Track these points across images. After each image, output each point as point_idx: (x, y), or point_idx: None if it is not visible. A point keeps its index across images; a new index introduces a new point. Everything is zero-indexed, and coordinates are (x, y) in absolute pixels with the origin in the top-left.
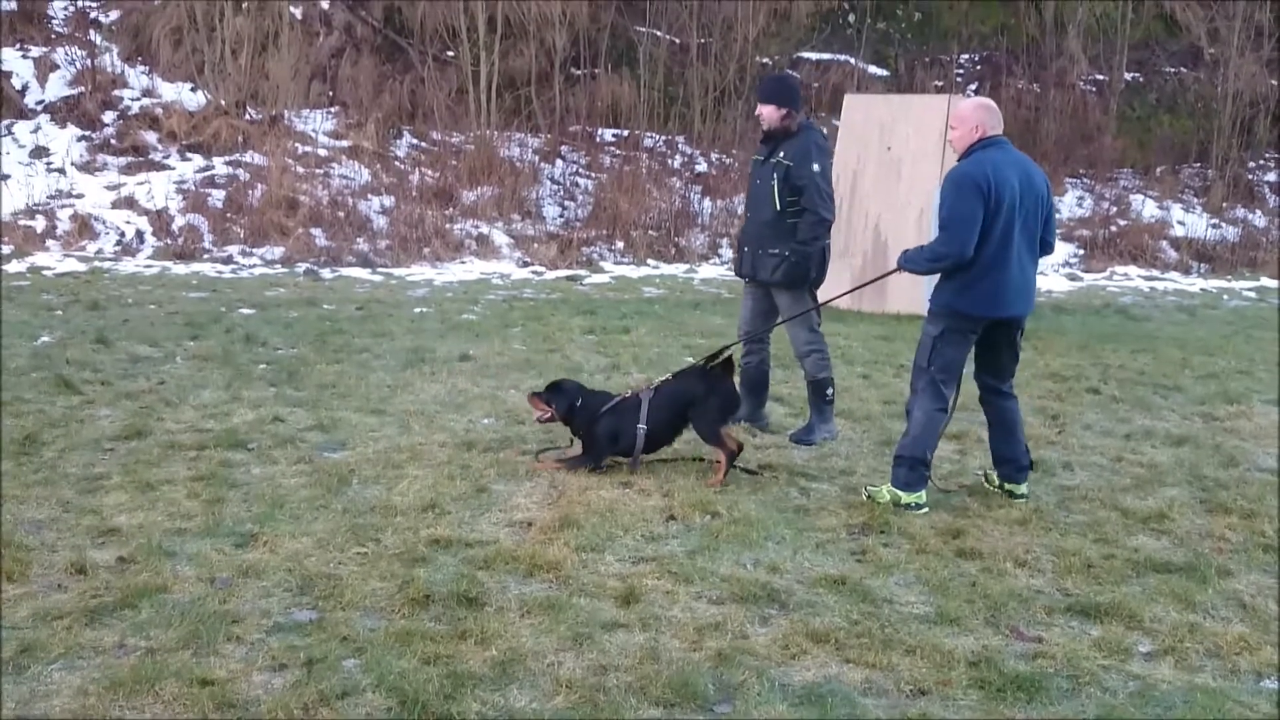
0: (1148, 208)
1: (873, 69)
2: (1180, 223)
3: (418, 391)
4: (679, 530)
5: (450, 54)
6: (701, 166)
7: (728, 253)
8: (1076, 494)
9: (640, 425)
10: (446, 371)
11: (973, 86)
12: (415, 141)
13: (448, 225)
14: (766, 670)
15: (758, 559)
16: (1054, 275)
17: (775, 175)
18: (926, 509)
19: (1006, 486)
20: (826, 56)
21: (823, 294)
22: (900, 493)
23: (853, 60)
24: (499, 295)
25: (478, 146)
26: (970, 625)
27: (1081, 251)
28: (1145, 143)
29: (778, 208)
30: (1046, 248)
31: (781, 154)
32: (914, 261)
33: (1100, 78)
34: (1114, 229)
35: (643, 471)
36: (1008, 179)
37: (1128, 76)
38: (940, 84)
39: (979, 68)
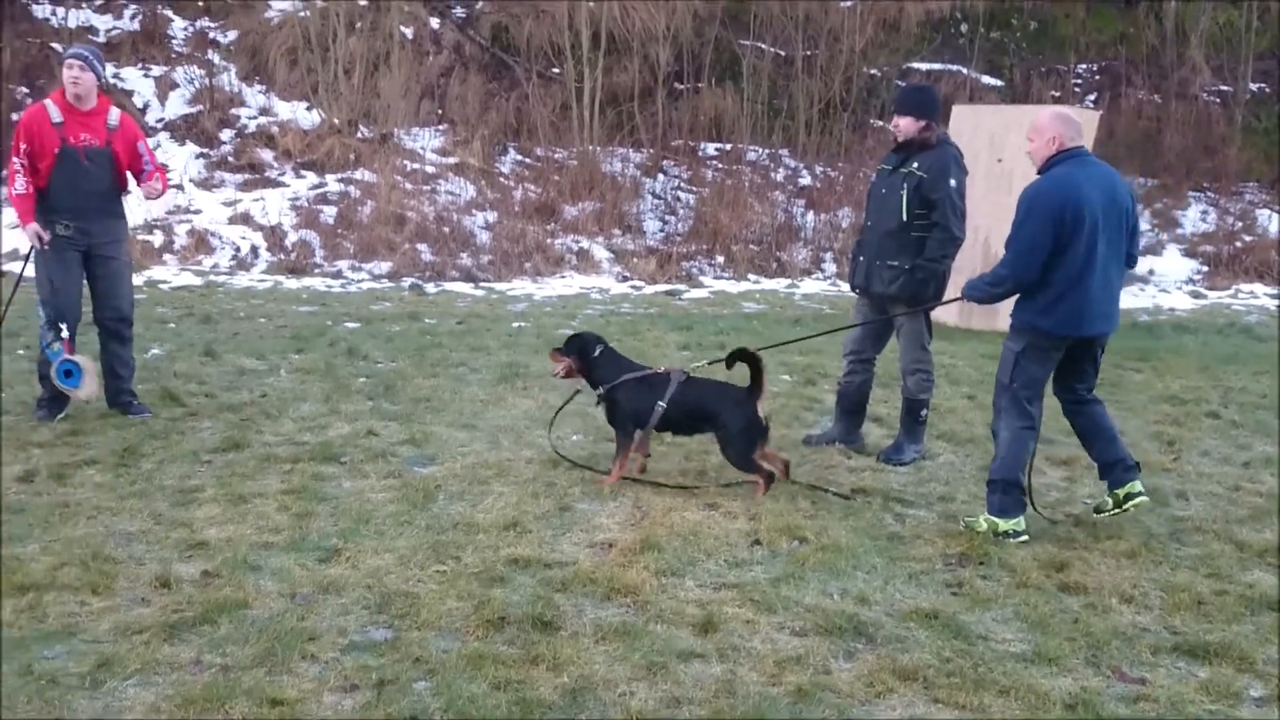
0: (1275, 223)
1: (986, 79)
2: None
3: (509, 407)
4: (764, 556)
5: (555, 71)
6: (806, 180)
7: (831, 267)
8: (1190, 525)
9: (660, 403)
10: (539, 387)
11: (1091, 97)
12: (519, 157)
13: (549, 240)
14: (849, 709)
15: (845, 589)
16: (1176, 293)
17: (906, 185)
18: (1026, 537)
19: (1123, 492)
20: (937, 66)
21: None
22: (997, 520)
23: (965, 70)
24: (596, 310)
25: (580, 162)
26: (1070, 665)
27: (1205, 268)
28: (1271, 155)
29: (904, 219)
30: (1130, 261)
31: (915, 165)
32: (976, 289)
33: (1224, 88)
34: (1238, 245)
35: (729, 494)
36: (1088, 196)
37: (1253, 87)
38: (1057, 94)
39: (1097, 78)
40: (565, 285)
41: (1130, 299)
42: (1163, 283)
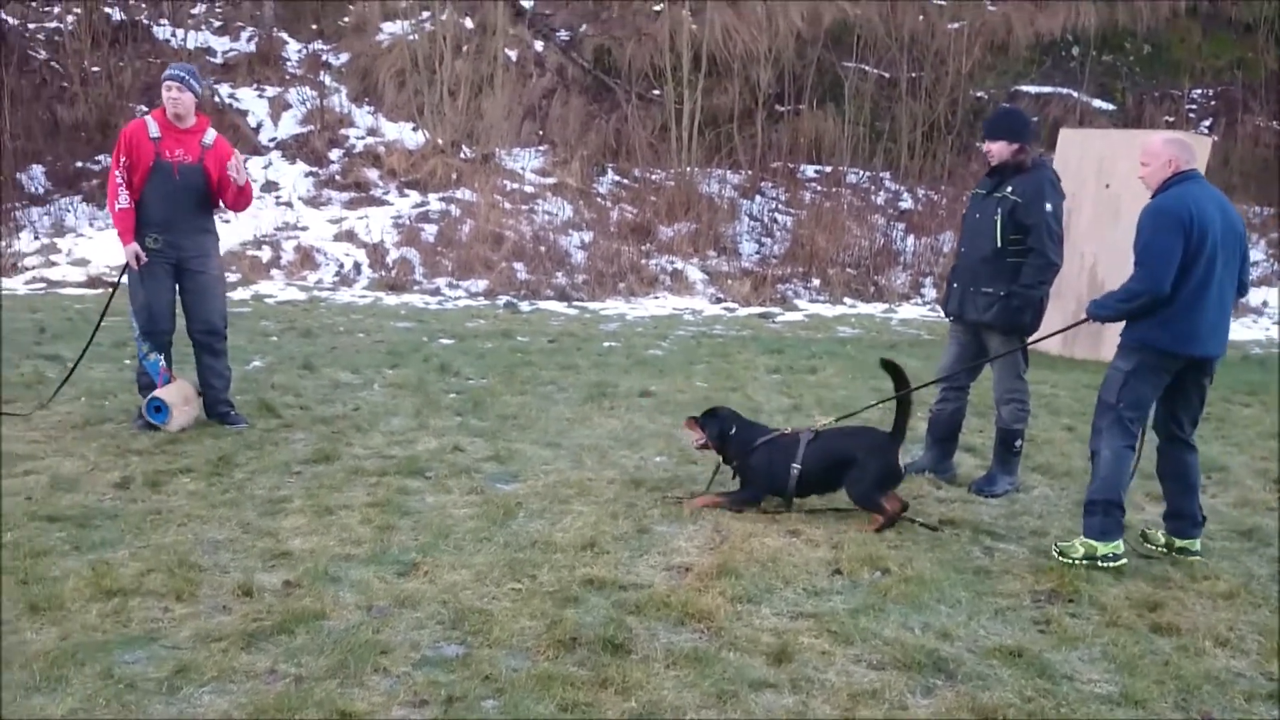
0: None
1: (1097, 102)
2: None
3: (594, 426)
4: (844, 586)
5: (655, 92)
6: (907, 203)
7: (931, 292)
8: None
9: (795, 464)
10: (625, 407)
11: (1206, 123)
12: (617, 178)
13: (644, 261)
14: None
15: (927, 623)
16: None
17: (999, 210)
18: (1125, 560)
19: (1178, 543)
20: (1047, 90)
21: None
22: (1095, 543)
23: (1075, 93)
24: (688, 331)
25: (678, 183)
26: (1157, 709)
27: None
28: None
29: (998, 244)
30: (1242, 289)
31: (1010, 189)
32: (1105, 307)
33: None
34: None
35: (811, 520)
36: (1209, 214)
37: None
38: (1171, 119)
39: (1213, 103)
40: (658, 306)
41: (1243, 331)
42: (1276, 315)
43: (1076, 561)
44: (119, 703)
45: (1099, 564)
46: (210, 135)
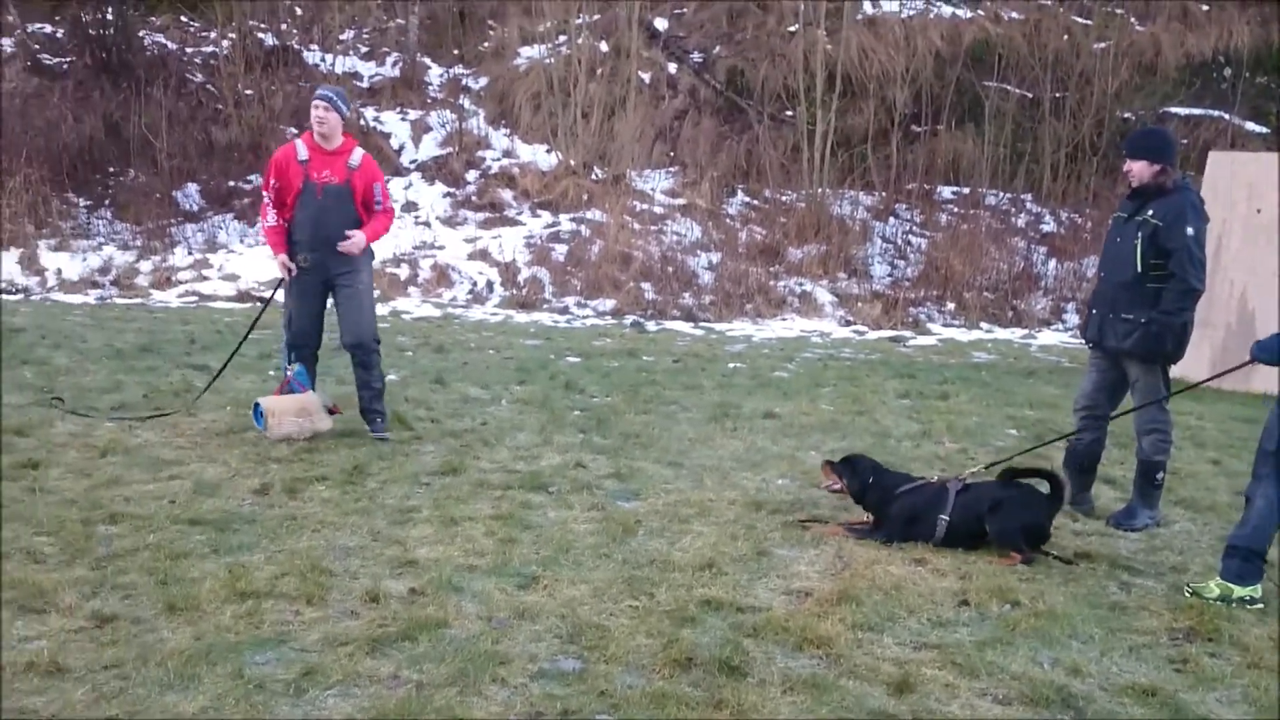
0: None
1: (1250, 125)
2: None
3: (717, 447)
4: (971, 617)
5: (788, 113)
6: (1049, 226)
7: (1073, 318)
8: None
9: (943, 516)
10: (748, 428)
11: None
12: (748, 199)
13: (771, 282)
14: None
15: (1057, 658)
16: None
17: (1140, 234)
18: (1262, 604)
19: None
20: (1197, 112)
21: (1175, 373)
22: (1232, 586)
23: (1226, 116)
24: (815, 354)
25: (809, 204)
26: None
27: None
28: None
29: (1138, 269)
30: None
31: (1150, 212)
32: (1270, 351)
33: None
34: None
35: (938, 550)
36: None
37: None
38: None
39: None
40: (785, 327)
41: None
42: None
43: (1211, 602)
44: (248, 703)
45: (1235, 605)
46: (357, 156)
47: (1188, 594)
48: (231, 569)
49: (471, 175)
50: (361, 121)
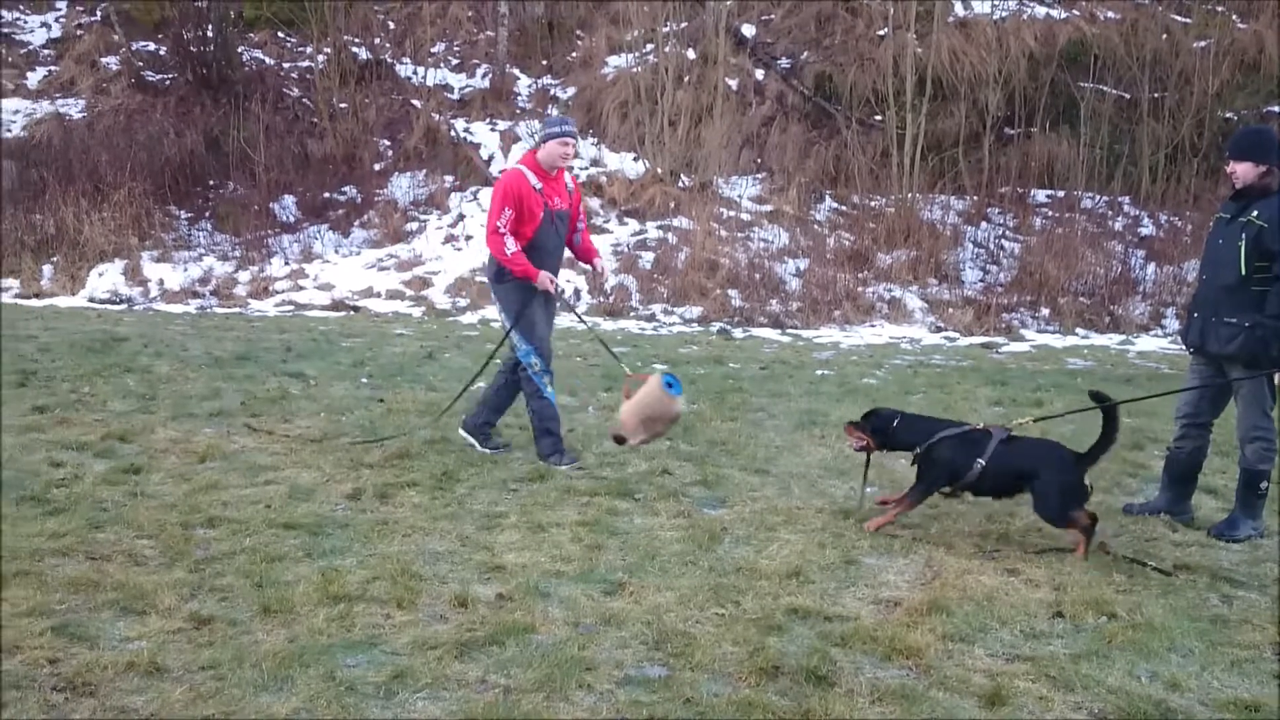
0: None
1: None
2: None
3: (804, 454)
4: (1066, 629)
5: (877, 118)
6: (1147, 229)
7: (1173, 324)
8: None
9: (980, 460)
10: (836, 435)
11: None
12: (835, 205)
13: (860, 288)
14: None
15: (1155, 672)
16: None
17: (1244, 236)
18: None
19: None
20: None
21: None
22: None
23: None
24: (905, 360)
25: (898, 209)
26: None
27: None
28: None
29: (1242, 272)
30: None
31: (1255, 213)
32: None
33: None
34: None
35: (1031, 560)
36: None
37: None
38: None
39: None
40: (874, 334)
41: None
42: None
43: None
44: (339, 704)
45: None
46: (569, 180)
47: None
48: (324, 572)
49: None
50: (453, 133)
